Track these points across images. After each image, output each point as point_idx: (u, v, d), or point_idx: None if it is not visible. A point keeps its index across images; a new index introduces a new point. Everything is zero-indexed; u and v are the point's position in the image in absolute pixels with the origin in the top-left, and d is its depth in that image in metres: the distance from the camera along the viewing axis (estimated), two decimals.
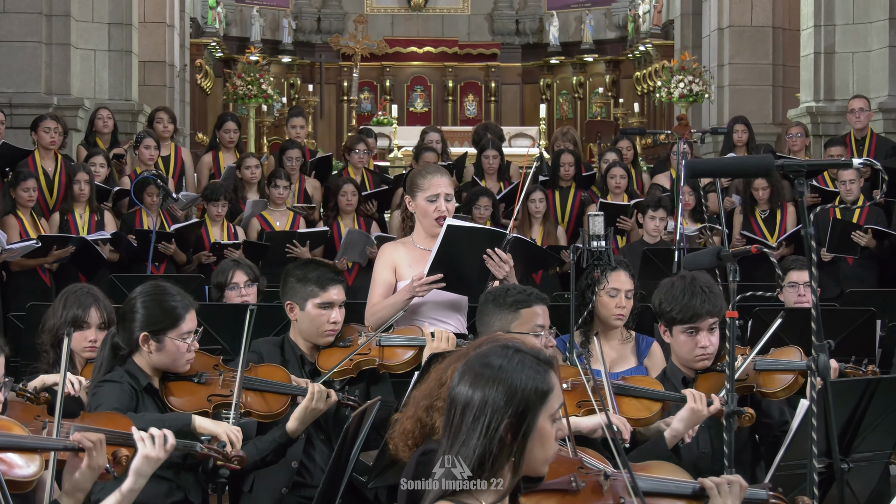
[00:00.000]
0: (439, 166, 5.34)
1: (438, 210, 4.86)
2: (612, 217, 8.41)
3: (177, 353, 3.86)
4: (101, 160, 8.93)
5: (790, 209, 8.72)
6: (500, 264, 4.73)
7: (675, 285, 4.21)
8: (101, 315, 4.35)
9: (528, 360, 2.51)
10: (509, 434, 2.44)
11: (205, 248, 8.35)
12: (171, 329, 3.84)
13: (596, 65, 19.02)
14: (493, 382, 2.47)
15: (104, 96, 11.54)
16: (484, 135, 10.32)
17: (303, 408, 4.00)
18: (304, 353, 4.44)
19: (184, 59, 14.66)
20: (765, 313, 5.33)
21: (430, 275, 4.71)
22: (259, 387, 4.04)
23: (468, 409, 2.46)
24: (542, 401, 2.48)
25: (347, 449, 3.60)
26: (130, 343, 3.86)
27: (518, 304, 3.96)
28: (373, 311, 4.82)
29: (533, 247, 7.23)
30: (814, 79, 11.15)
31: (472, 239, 4.77)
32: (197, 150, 12.66)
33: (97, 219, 8.31)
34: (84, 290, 4.42)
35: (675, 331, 4.22)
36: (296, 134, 10.14)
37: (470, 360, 2.54)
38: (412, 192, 4.93)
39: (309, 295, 4.37)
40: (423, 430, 2.97)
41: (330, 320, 4.38)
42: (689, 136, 9.30)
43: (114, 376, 3.80)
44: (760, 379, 4.24)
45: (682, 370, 4.27)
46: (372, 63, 19.13)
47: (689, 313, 4.14)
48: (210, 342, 5.12)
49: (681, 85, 13.34)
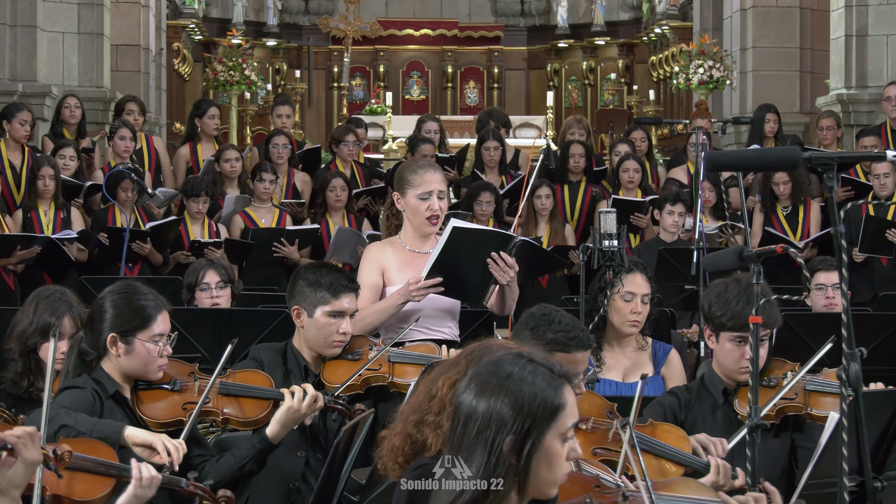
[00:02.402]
0: (431, 161, 5.33)
1: (431, 209, 4.85)
2: (625, 214, 8.41)
3: (147, 356, 3.84)
4: (71, 152, 8.92)
5: (814, 205, 8.72)
6: (506, 269, 4.72)
7: (728, 288, 4.20)
8: (75, 324, 4.32)
9: (541, 371, 2.48)
10: (513, 452, 2.41)
11: (184, 248, 8.36)
12: (141, 330, 3.83)
13: (608, 48, 19.03)
14: (500, 393, 2.44)
15: (73, 83, 11.54)
16: (486, 123, 10.28)
17: (284, 409, 3.96)
18: (309, 363, 4.42)
19: (160, 43, 14.66)
20: (791, 319, 5.33)
21: (428, 278, 4.71)
22: (236, 392, 4.02)
23: (471, 421, 2.44)
24: (552, 417, 2.44)
25: (338, 466, 3.60)
26: (98, 346, 3.85)
27: (555, 345, 3.81)
28: (360, 316, 4.76)
29: (540, 251, 7.22)
30: (845, 63, 11.15)
31: (477, 242, 4.76)
32: (174, 142, 12.66)
33: (63, 216, 8.30)
34: (57, 295, 4.39)
35: (723, 337, 4.22)
36: (282, 124, 10.14)
37: (481, 365, 2.52)
38: (401, 188, 4.91)
39: (319, 301, 4.35)
40: (413, 446, 2.96)
41: (340, 330, 4.37)
42: (708, 127, 9.30)
43: (77, 382, 3.80)
44: (810, 400, 4.23)
45: (723, 380, 4.27)
46: (364, 47, 19.14)
47: (741, 321, 4.13)
48: (188, 350, 5.13)
49: (700, 70, 13.34)
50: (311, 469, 4.21)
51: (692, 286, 6.72)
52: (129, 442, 3.60)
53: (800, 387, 4.22)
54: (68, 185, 8.55)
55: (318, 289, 4.36)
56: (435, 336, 4.83)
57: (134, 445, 3.61)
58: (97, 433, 3.52)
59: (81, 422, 3.52)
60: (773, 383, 4.26)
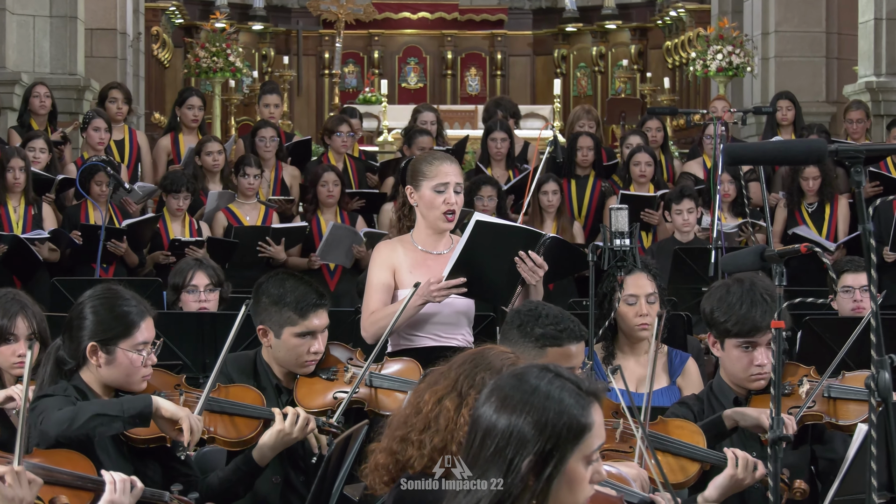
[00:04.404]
0: (447, 153, 5.33)
1: (447, 202, 4.82)
2: (638, 211, 8.41)
3: (130, 367, 3.83)
4: (42, 144, 8.91)
5: (842, 202, 8.72)
6: (535, 269, 4.71)
7: (731, 291, 4.18)
8: (30, 325, 4.30)
9: (568, 387, 2.46)
10: (532, 474, 2.40)
11: (163, 247, 8.35)
12: (124, 338, 3.82)
13: (619, 33, 19.02)
14: (522, 409, 2.42)
15: (45, 69, 11.51)
16: (494, 112, 10.24)
17: (274, 432, 3.95)
18: (280, 380, 4.40)
19: (138, 27, 14.66)
20: (816, 323, 5.33)
21: (450, 278, 4.69)
22: (228, 409, 4.01)
23: (489, 438, 2.43)
24: (577, 439, 2.42)
25: (329, 481, 3.60)
26: (77, 356, 3.84)
27: (546, 339, 3.86)
28: (373, 319, 4.77)
29: (570, 248, 7.16)
30: (874, 49, 11.15)
31: (503, 238, 4.74)
32: (153, 133, 12.66)
33: (34, 212, 8.29)
34: (9, 297, 4.36)
35: (728, 344, 4.20)
36: (269, 114, 10.14)
37: (502, 377, 2.51)
38: (415, 181, 4.89)
39: (286, 322, 4.30)
40: (397, 465, 2.96)
41: (311, 350, 4.33)
42: (727, 117, 9.31)
43: (56, 389, 3.79)
44: (831, 407, 4.22)
45: (733, 389, 4.26)
46: (358, 31, 19.12)
47: (748, 326, 4.12)
48: (171, 357, 5.13)
49: (718, 56, 13.35)
50: (293, 490, 4.19)
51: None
52: (156, 413, 3.64)
53: (818, 393, 4.21)
54: (39, 180, 8.53)
55: (284, 308, 4.30)
56: (446, 344, 4.79)
57: (159, 418, 3.64)
58: (129, 411, 3.57)
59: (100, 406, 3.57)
60: (787, 390, 4.25)
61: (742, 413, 4.06)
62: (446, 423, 2.87)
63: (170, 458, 3.87)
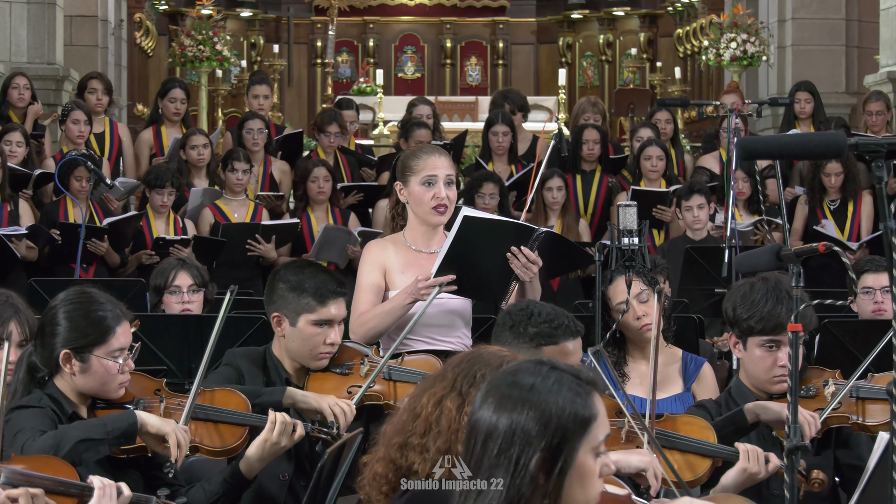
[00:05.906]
0: (436, 145, 5.33)
1: (437, 197, 4.83)
2: (647, 207, 8.41)
3: (105, 374, 3.84)
4: (18, 137, 8.90)
5: (865, 199, 8.72)
6: (528, 265, 4.72)
7: (755, 288, 4.20)
8: (23, 331, 4.28)
9: (566, 380, 2.49)
10: (542, 472, 2.42)
11: (146, 246, 8.35)
12: (98, 345, 3.82)
13: (628, 20, 19.04)
14: (523, 406, 2.44)
15: (21, 59, 11.51)
16: (500, 105, 10.20)
17: (261, 441, 3.93)
18: (290, 374, 4.40)
19: (120, 14, 14.66)
20: (835, 326, 5.33)
21: (439, 275, 4.69)
22: (213, 416, 4.00)
23: (491, 440, 2.45)
24: (584, 430, 2.46)
25: (322, 492, 3.61)
26: (50, 363, 3.84)
27: (541, 338, 3.90)
28: (361, 320, 4.79)
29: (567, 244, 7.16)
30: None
31: (493, 233, 4.75)
32: (136, 126, 12.66)
33: (10, 209, 8.29)
34: (2, 299, 4.38)
35: (751, 343, 4.23)
36: (258, 105, 10.13)
37: (496, 377, 2.53)
38: (404, 176, 4.90)
39: (303, 309, 4.32)
40: (397, 473, 2.97)
41: (327, 341, 4.35)
42: (742, 109, 9.30)
43: (31, 400, 3.79)
44: (860, 408, 4.24)
45: (753, 392, 4.28)
46: (352, 18, 19.13)
47: (772, 323, 4.14)
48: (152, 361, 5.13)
49: (733, 45, 13.34)
50: (295, 498, 4.18)
51: (723, 289, 6.71)
52: (141, 429, 3.64)
53: (844, 395, 4.22)
54: (16, 175, 8.53)
55: (302, 294, 4.33)
56: (441, 348, 4.80)
57: (145, 434, 3.64)
58: (113, 432, 3.58)
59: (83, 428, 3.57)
60: (811, 393, 4.27)
61: (764, 406, 4.08)
62: (448, 424, 2.89)
63: (151, 467, 3.87)
